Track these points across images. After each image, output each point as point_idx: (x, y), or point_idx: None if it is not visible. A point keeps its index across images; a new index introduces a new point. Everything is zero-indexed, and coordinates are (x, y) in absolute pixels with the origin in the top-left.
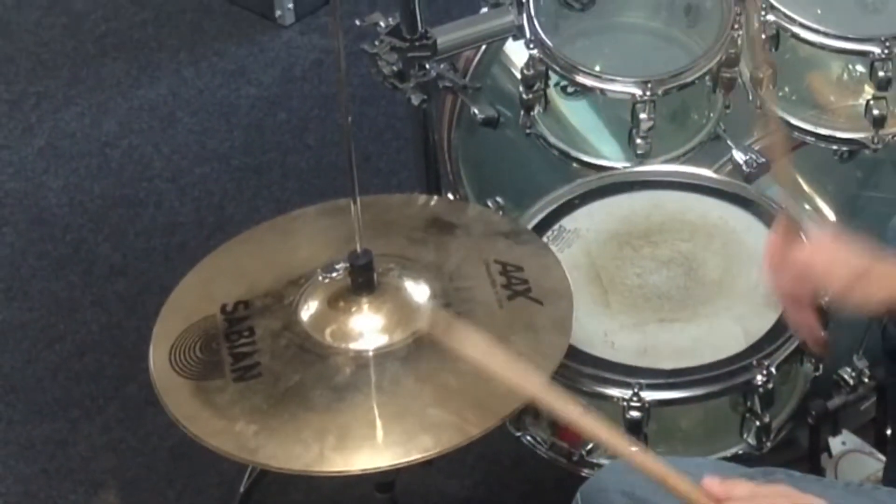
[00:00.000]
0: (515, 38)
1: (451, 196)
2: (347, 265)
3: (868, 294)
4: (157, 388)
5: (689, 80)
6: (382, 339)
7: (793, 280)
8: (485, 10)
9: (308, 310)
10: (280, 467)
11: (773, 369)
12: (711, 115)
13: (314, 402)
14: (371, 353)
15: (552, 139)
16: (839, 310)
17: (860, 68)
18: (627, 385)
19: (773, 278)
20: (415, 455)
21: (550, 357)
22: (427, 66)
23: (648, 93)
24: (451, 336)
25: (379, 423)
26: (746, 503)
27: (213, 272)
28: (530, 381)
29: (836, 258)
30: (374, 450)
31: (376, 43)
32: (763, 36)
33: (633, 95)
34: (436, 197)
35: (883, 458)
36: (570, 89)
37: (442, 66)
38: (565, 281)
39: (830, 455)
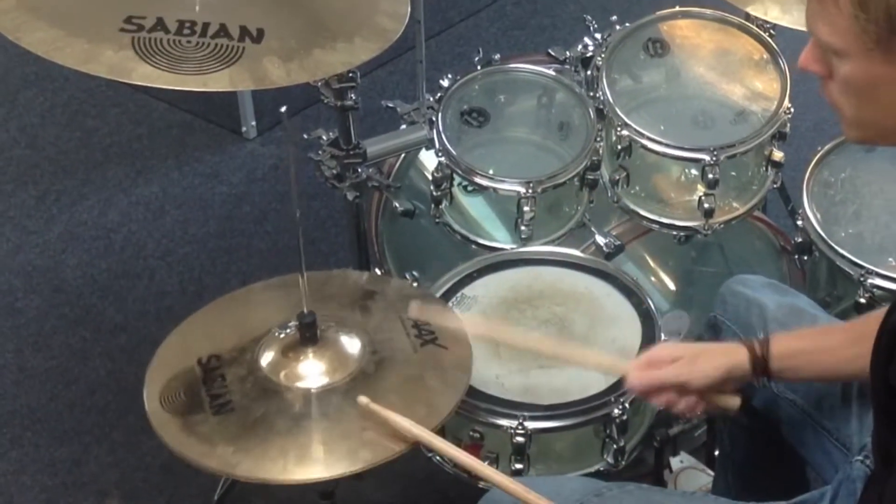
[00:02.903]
0: (428, 148)
1: (377, 271)
2: (296, 324)
3: (705, 371)
4: (153, 425)
5: (561, 180)
6: (325, 380)
7: (651, 385)
8: (404, 126)
9: (266, 358)
10: (255, 478)
11: (626, 404)
12: (579, 207)
13: (277, 428)
14: (314, 391)
15: (456, 226)
16: (693, 389)
17: (694, 171)
18: (514, 417)
19: (641, 392)
20: (359, 465)
21: (456, 388)
22: (359, 169)
23: (530, 191)
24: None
25: (329, 442)
26: None
27: (190, 334)
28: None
29: (673, 354)
30: (327, 463)
31: (320, 152)
32: (619, 147)
33: (519, 192)
34: (366, 272)
35: (712, 473)
36: (469, 188)
37: (371, 169)
38: (463, 331)
39: (671, 471)
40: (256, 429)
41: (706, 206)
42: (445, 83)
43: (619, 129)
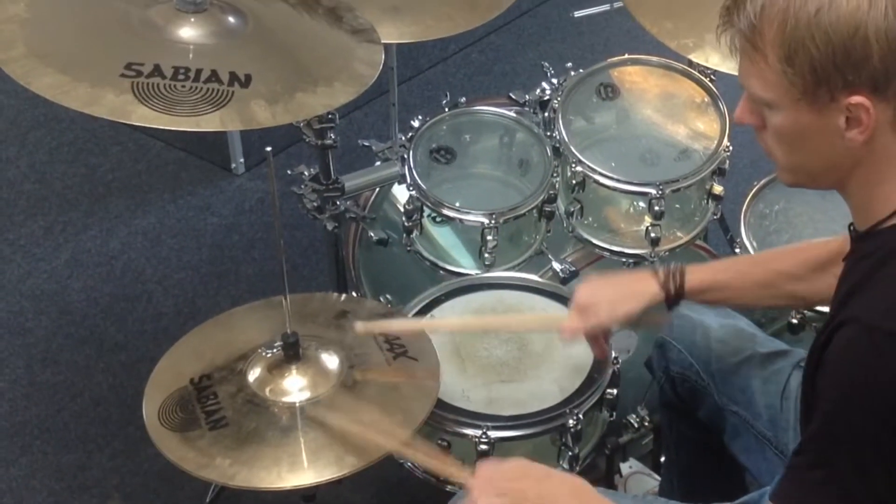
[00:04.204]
0: (400, 182)
1: (353, 294)
2: (281, 343)
3: (625, 312)
4: (154, 441)
5: (521, 212)
6: (308, 394)
7: (583, 327)
8: (378, 163)
9: (254, 375)
10: (251, 487)
11: (580, 415)
12: (537, 237)
13: (269, 439)
14: (299, 404)
15: (425, 254)
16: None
17: (642, 204)
18: (478, 427)
19: (575, 327)
20: (346, 470)
21: (429, 395)
22: (338, 202)
23: (493, 221)
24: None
25: (317, 450)
26: (490, 477)
27: (181, 356)
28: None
29: (592, 301)
30: (317, 468)
31: (302, 186)
32: (573, 182)
33: (483, 223)
34: (343, 295)
35: (658, 478)
36: (438, 219)
37: (348, 202)
38: (430, 343)
39: (621, 475)
40: (250, 441)
41: (653, 235)
42: (416, 124)
43: (573, 165)
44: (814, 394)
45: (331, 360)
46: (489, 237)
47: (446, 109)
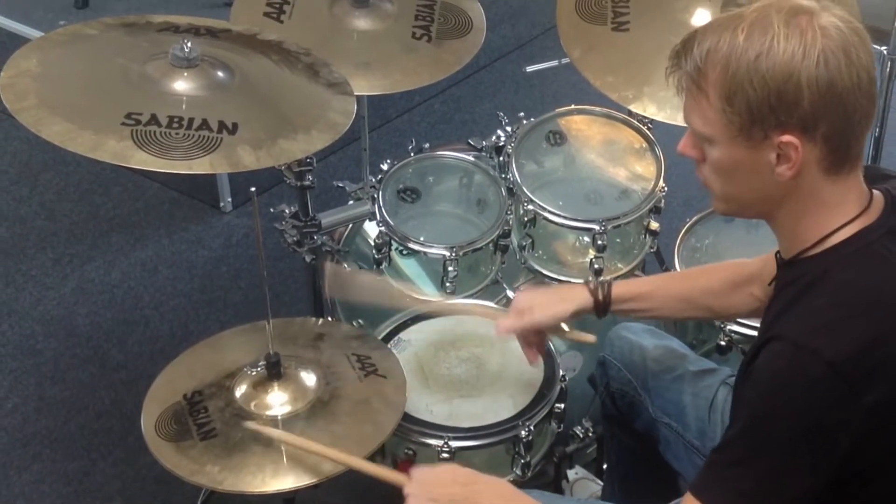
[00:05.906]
0: (371, 219)
1: (329, 319)
2: (264, 362)
3: (555, 312)
4: (151, 450)
5: (479, 246)
6: (288, 408)
7: (514, 330)
8: (351, 202)
9: (240, 391)
10: (238, 491)
11: (531, 427)
12: (493, 268)
13: (254, 449)
14: (280, 418)
15: (393, 283)
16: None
17: (586, 239)
18: (440, 437)
19: (510, 324)
20: (322, 476)
21: (395, 408)
22: (315, 237)
23: (454, 254)
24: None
25: (296, 459)
26: (422, 482)
27: (175, 374)
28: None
29: (530, 305)
30: (297, 474)
31: (283, 223)
32: (525, 219)
33: (444, 256)
34: (320, 319)
35: (601, 483)
36: (404, 252)
37: (324, 237)
38: (398, 363)
39: (568, 481)
40: (237, 450)
41: (596, 266)
42: (385, 167)
43: (525, 204)
44: (739, 401)
45: (309, 378)
46: (450, 268)
47: (412, 154)
